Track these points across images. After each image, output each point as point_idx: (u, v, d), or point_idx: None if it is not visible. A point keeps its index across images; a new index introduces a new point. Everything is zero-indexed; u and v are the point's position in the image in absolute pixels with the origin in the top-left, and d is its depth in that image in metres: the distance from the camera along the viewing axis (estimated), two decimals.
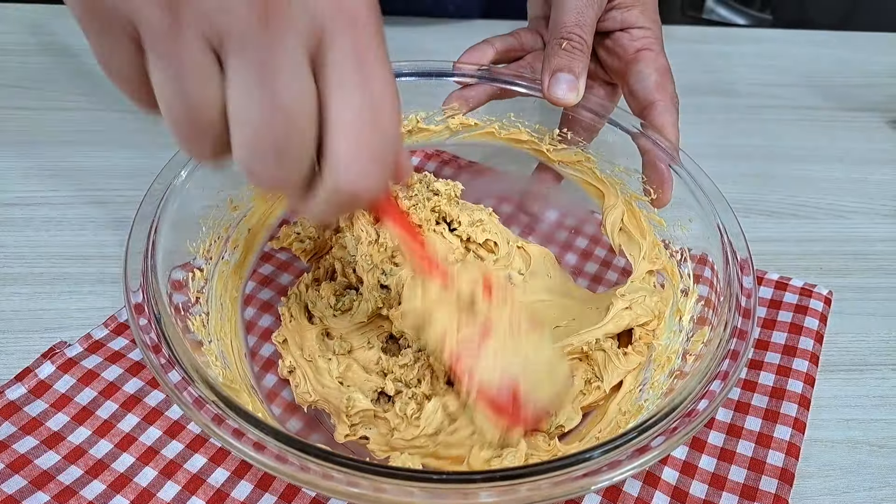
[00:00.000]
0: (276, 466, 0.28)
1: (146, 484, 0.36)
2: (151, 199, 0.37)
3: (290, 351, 0.41)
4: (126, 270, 0.34)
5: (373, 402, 0.38)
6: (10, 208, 0.52)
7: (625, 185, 0.45)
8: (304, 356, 0.40)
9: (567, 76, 0.43)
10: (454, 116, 0.48)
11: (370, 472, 0.28)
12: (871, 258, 0.54)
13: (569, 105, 0.44)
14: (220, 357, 0.37)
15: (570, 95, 0.43)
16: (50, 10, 0.74)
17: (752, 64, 0.77)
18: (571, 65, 0.43)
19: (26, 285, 0.47)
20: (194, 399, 0.30)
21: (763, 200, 0.59)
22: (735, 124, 0.68)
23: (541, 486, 0.28)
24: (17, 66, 0.67)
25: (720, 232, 0.38)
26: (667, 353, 0.38)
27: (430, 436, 0.36)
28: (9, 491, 0.35)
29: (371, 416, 0.37)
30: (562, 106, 0.44)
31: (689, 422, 0.31)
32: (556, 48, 0.43)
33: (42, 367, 0.40)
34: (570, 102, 0.43)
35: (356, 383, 0.39)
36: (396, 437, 0.36)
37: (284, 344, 0.42)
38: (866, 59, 0.78)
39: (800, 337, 0.45)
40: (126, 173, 0.56)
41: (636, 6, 0.46)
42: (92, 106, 0.63)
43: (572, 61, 0.43)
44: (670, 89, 0.45)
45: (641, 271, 0.44)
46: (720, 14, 1.53)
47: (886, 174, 0.62)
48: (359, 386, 0.39)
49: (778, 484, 0.38)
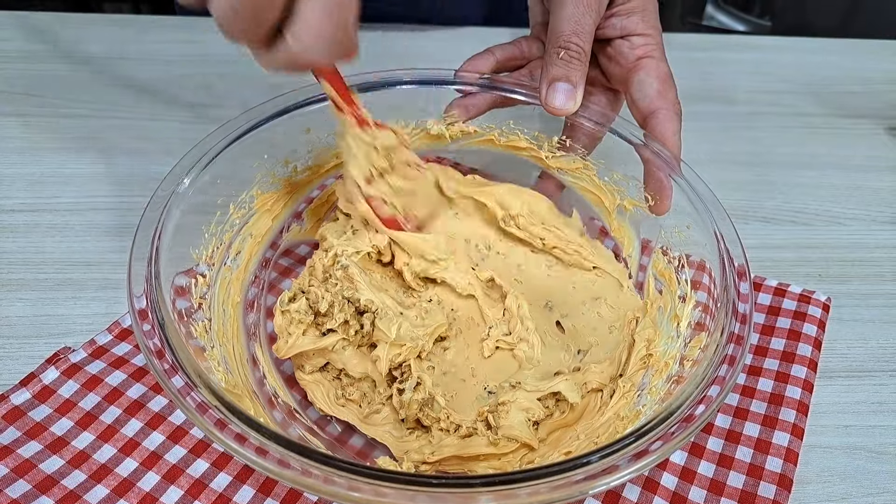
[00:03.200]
0: (278, 471, 0.28)
1: (149, 488, 0.37)
2: (155, 205, 0.38)
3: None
4: (130, 276, 0.34)
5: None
6: (14, 215, 0.53)
7: (623, 191, 0.46)
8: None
9: (564, 85, 0.43)
10: (454, 124, 0.48)
11: (371, 477, 0.28)
12: (870, 265, 0.54)
13: (567, 114, 0.44)
14: (223, 362, 0.37)
15: (568, 105, 0.43)
16: (53, 17, 0.75)
17: (750, 71, 0.77)
18: (569, 74, 0.43)
19: (31, 291, 0.47)
20: (197, 404, 0.30)
21: (761, 207, 0.59)
22: (734, 131, 0.68)
23: (540, 490, 0.28)
24: (21, 73, 0.67)
25: (717, 239, 0.39)
26: (664, 359, 0.39)
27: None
28: (13, 495, 0.35)
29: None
30: (559, 115, 0.44)
31: (687, 426, 0.31)
32: (553, 57, 0.43)
33: (46, 373, 0.41)
34: (567, 111, 0.44)
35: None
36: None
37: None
38: (864, 67, 0.78)
39: (798, 343, 0.45)
40: (130, 180, 0.56)
41: (636, 13, 0.46)
42: (95, 113, 0.63)
43: (569, 71, 0.43)
44: (672, 97, 0.45)
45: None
46: (719, 21, 1.53)
47: (884, 181, 0.63)
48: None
49: (776, 490, 0.38)
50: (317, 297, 0.41)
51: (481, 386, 0.42)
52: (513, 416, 0.38)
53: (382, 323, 0.40)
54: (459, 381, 0.42)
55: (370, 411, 0.40)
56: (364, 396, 0.41)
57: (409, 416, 0.39)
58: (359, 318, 0.41)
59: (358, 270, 0.41)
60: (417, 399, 0.39)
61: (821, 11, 1.43)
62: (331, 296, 0.41)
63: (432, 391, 0.39)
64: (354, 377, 0.41)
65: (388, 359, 0.39)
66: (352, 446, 0.41)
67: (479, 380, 0.42)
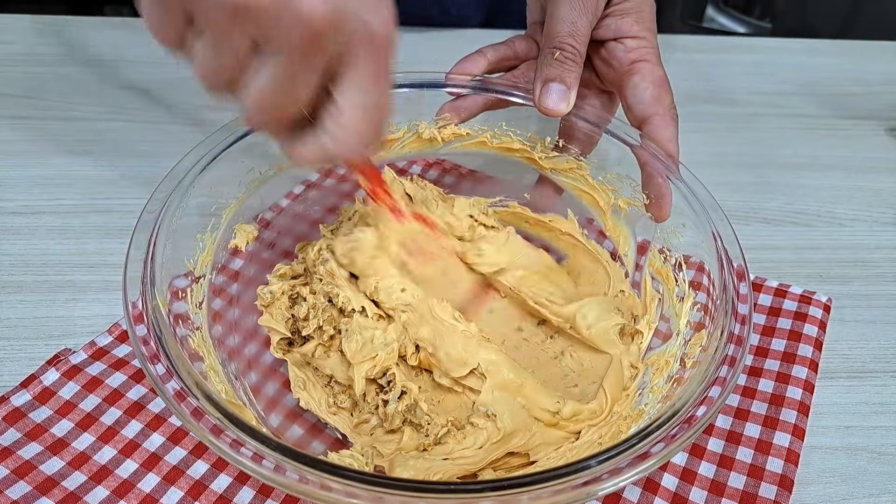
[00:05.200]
0: (274, 477, 0.28)
1: (149, 490, 0.37)
2: (152, 208, 0.38)
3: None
4: (125, 279, 0.34)
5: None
6: (15, 217, 0.53)
7: (618, 191, 0.46)
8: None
9: (558, 86, 0.43)
10: (446, 127, 0.48)
11: (369, 483, 0.28)
12: (871, 265, 0.54)
13: (559, 115, 0.44)
14: (220, 367, 0.37)
15: (561, 105, 0.43)
16: (55, 20, 0.75)
17: (751, 72, 0.77)
18: (563, 75, 0.43)
19: (32, 293, 0.47)
20: (192, 409, 0.30)
21: (762, 208, 0.59)
22: (734, 133, 0.68)
23: (542, 494, 0.28)
24: (23, 75, 0.68)
25: (715, 239, 0.39)
26: (665, 357, 0.39)
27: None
28: (14, 496, 0.35)
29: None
30: (552, 116, 0.44)
31: (689, 428, 0.31)
32: (548, 58, 0.43)
33: (47, 374, 0.41)
34: (560, 112, 0.43)
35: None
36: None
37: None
38: (865, 68, 0.79)
39: (799, 344, 0.45)
40: (130, 182, 0.56)
41: (631, 14, 0.46)
42: (97, 116, 0.63)
43: (563, 72, 0.43)
44: (668, 101, 0.45)
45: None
46: (720, 22, 1.53)
47: (885, 182, 0.63)
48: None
49: (777, 490, 0.38)
50: (297, 296, 0.40)
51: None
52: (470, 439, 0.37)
53: (346, 342, 0.39)
54: (445, 389, 0.41)
55: (359, 420, 0.40)
56: (355, 405, 0.40)
57: (394, 427, 0.39)
58: (336, 319, 0.40)
59: (337, 266, 0.41)
60: (401, 411, 0.38)
61: (821, 13, 1.44)
62: (313, 297, 0.40)
63: (417, 397, 0.38)
64: (343, 384, 0.41)
65: (361, 378, 0.39)
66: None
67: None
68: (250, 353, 0.42)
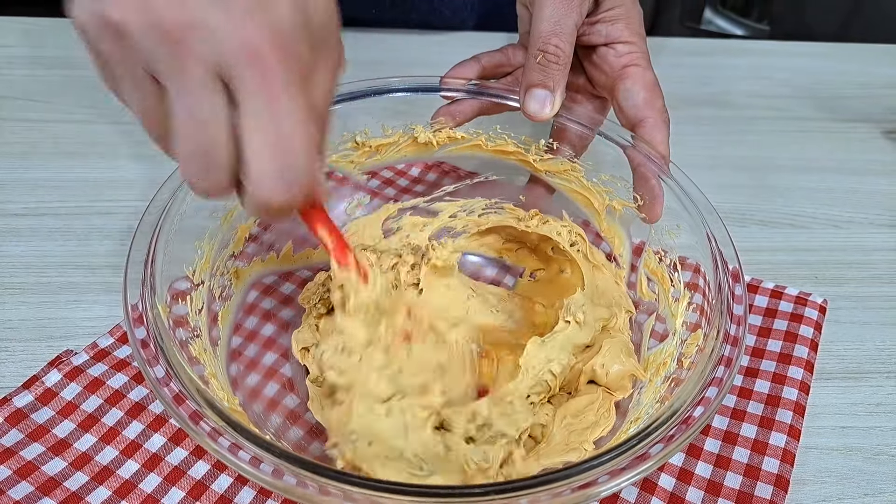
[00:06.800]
0: (272, 482, 0.28)
1: (151, 490, 0.37)
2: (154, 210, 0.38)
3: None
4: (125, 281, 0.35)
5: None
6: (17, 218, 0.53)
7: (612, 192, 0.46)
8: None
9: (541, 92, 0.43)
10: (441, 130, 0.48)
11: (367, 488, 0.28)
12: (866, 267, 0.54)
13: (544, 120, 0.44)
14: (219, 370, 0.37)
15: (545, 111, 0.43)
16: (56, 23, 0.75)
17: (748, 75, 0.78)
18: (545, 80, 0.43)
19: (33, 294, 0.47)
20: (191, 413, 0.30)
21: (759, 210, 0.59)
22: (732, 135, 0.68)
23: (540, 498, 0.28)
24: (24, 78, 0.68)
25: (709, 240, 0.39)
26: (662, 358, 0.39)
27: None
28: (16, 497, 0.36)
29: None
30: (537, 121, 0.44)
31: (686, 428, 0.31)
32: (531, 62, 0.43)
33: (49, 375, 0.41)
34: (544, 117, 0.44)
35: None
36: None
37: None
38: (862, 71, 0.79)
39: (795, 345, 0.46)
40: (132, 184, 0.57)
41: (621, 20, 0.46)
42: (98, 118, 0.64)
43: (546, 77, 0.43)
44: (659, 105, 0.45)
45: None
46: (718, 25, 1.53)
47: (881, 184, 0.63)
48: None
49: (773, 490, 0.38)
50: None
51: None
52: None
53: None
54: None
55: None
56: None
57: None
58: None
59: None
60: None
61: (819, 16, 1.44)
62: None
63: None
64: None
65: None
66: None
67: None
68: (251, 355, 0.43)
